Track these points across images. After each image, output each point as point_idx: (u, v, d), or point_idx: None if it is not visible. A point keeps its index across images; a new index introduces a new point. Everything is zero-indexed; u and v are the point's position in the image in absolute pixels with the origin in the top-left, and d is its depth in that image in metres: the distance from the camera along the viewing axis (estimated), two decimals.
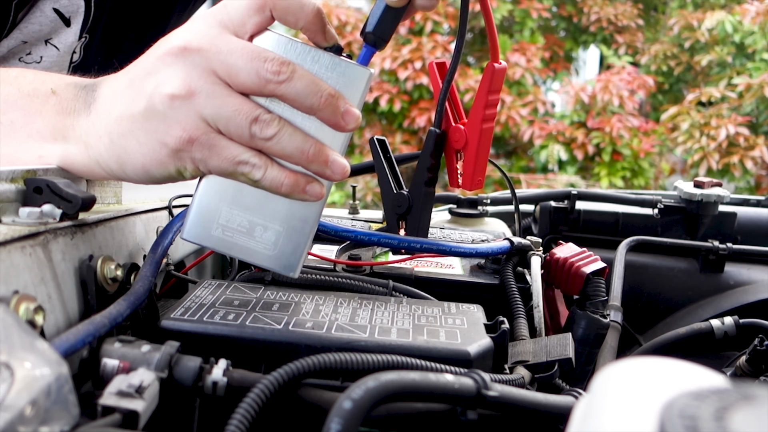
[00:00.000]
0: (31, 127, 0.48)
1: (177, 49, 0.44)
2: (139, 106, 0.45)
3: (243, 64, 0.44)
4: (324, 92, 0.45)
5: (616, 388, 0.25)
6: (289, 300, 0.52)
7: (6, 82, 0.50)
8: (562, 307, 0.70)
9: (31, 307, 0.35)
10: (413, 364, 0.40)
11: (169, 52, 0.44)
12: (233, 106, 0.44)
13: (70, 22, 0.82)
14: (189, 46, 0.44)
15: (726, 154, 4.46)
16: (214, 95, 0.44)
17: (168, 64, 0.44)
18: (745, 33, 4.81)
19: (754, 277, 0.93)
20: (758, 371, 0.62)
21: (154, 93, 0.44)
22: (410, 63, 4.89)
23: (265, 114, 0.45)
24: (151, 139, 0.45)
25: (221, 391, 0.38)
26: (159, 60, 0.45)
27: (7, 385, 0.27)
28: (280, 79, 0.44)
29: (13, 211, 0.43)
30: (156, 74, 0.44)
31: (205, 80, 0.44)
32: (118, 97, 0.46)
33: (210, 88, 0.44)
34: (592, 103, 4.98)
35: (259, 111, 0.44)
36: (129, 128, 0.45)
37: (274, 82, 0.44)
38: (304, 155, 0.46)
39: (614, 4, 5.51)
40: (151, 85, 0.44)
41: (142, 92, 0.45)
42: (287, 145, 0.45)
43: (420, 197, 0.66)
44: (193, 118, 0.44)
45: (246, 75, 0.44)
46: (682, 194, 0.99)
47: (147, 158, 0.45)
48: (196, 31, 0.45)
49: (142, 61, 0.46)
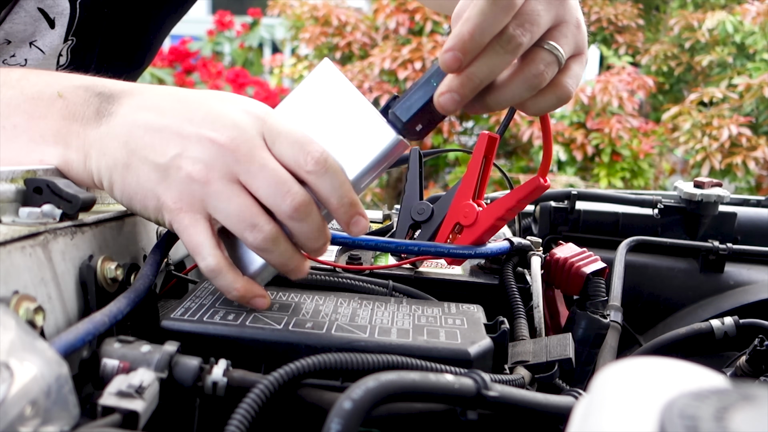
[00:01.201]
0: (33, 132, 0.48)
1: (212, 137, 0.44)
2: (155, 158, 0.45)
3: (266, 186, 0.44)
4: (322, 244, 0.47)
5: (616, 388, 0.25)
6: (289, 300, 0.52)
7: (8, 85, 0.49)
8: (562, 307, 0.70)
9: (31, 308, 0.35)
10: (413, 365, 0.40)
11: (205, 134, 0.45)
12: (238, 207, 0.44)
13: (55, 23, 0.81)
14: (228, 145, 0.44)
15: (728, 154, 4.45)
16: (225, 193, 0.44)
17: (201, 142, 0.44)
18: (745, 33, 4.81)
19: (754, 277, 0.93)
20: (758, 371, 0.62)
21: (175, 160, 0.44)
22: (410, 63, 4.88)
23: (265, 225, 0.45)
24: (150, 186, 0.45)
25: (221, 391, 0.38)
26: (195, 131, 0.45)
27: (7, 385, 0.27)
28: (293, 215, 0.45)
29: (13, 211, 0.43)
30: (186, 143, 0.45)
31: (224, 178, 0.44)
32: (138, 131, 0.46)
33: (224, 187, 0.44)
34: (591, 104, 4.97)
35: (259, 220, 0.45)
36: (136, 166, 0.45)
37: (286, 216, 0.45)
38: (284, 268, 0.48)
39: (614, 4, 5.51)
40: (175, 149, 0.45)
41: (165, 151, 0.45)
42: (272, 257, 0.47)
43: (442, 210, 0.65)
44: (196, 199, 0.45)
45: (265, 194, 0.45)
46: (682, 194, 0.99)
47: (137, 196, 0.46)
48: (243, 130, 0.45)
49: (181, 110, 0.46)
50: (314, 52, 5.55)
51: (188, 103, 0.47)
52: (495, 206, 0.59)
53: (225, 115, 0.45)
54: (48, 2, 0.79)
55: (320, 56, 5.52)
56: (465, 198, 0.61)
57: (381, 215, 0.88)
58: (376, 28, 5.35)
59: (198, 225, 0.45)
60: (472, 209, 0.60)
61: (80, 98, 0.48)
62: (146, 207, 0.46)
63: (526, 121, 5.03)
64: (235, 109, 0.46)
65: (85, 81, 0.49)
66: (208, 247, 0.45)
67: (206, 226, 0.45)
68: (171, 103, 0.47)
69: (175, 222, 0.45)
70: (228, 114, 0.46)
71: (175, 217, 0.45)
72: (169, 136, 0.45)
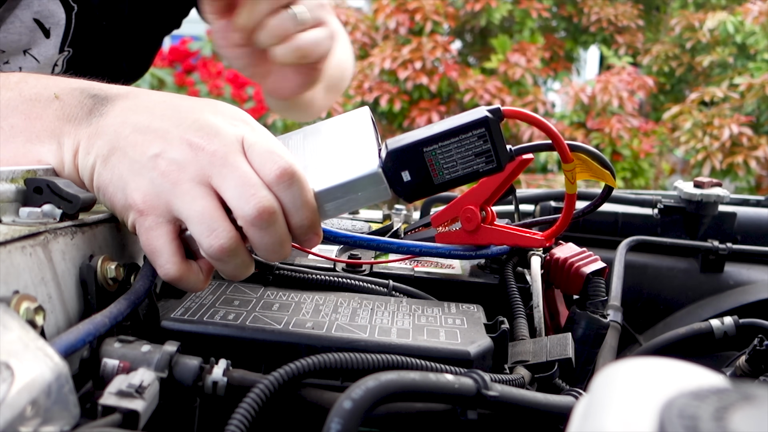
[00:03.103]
0: (30, 132, 0.48)
1: (195, 142, 0.44)
2: (135, 155, 0.45)
3: (234, 186, 0.44)
4: (280, 258, 0.47)
5: (615, 388, 0.25)
6: (289, 300, 0.52)
7: (7, 87, 0.50)
8: (562, 307, 0.70)
9: (31, 307, 0.35)
10: (413, 364, 0.40)
11: (189, 138, 0.45)
12: (200, 208, 0.44)
13: (50, 33, 0.82)
14: (206, 149, 0.44)
15: (729, 153, 4.45)
16: (191, 193, 0.44)
17: (181, 145, 0.44)
18: (746, 34, 4.81)
19: (754, 277, 0.93)
20: (758, 371, 0.62)
21: (153, 160, 0.44)
22: (410, 63, 4.88)
23: (223, 231, 0.44)
24: (122, 183, 0.45)
25: (221, 391, 0.38)
26: (179, 135, 0.45)
27: (7, 385, 0.27)
28: (254, 221, 0.44)
29: (13, 211, 0.43)
30: (167, 145, 0.45)
31: (194, 179, 0.44)
32: (125, 130, 0.46)
33: (192, 188, 0.44)
34: (591, 104, 4.97)
35: (219, 225, 0.44)
36: (115, 160, 0.45)
37: (249, 220, 0.44)
38: (232, 279, 0.48)
39: (614, 5, 5.51)
40: (156, 149, 0.45)
41: (146, 149, 0.45)
42: (225, 268, 0.46)
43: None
44: (162, 201, 0.44)
45: (231, 196, 0.44)
46: (682, 194, 0.99)
47: (108, 190, 0.46)
48: (224, 136, 0.45)
49: (171, 116, 0.46)
50: None
51: (180, 110, 0.47)
52: (501, 235, 0.58)
53: (212, 124, 0.45)
54: (44, 13, 0.79)
55: None
56: (473, 201, 0.60)
57: (381, 215, 0.88)
58: (376, 28, 5.34)
59: (159, 228, 0.44)
60: (476, 216, 0.60)
61: (75, 99, 0.48)
62: (114, 203, 0.46)
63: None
64: (225, 120, 0.46)
65: (82, 84, 0.50)
66: (166, 254, 0.45)
67: (168, 230, 0.45)
68: (163, 109, 0.47)
69: (137, 222, 0.45)
70: (215, 123, 0.46)
71: (138, 217, 0.45)
72: (154, 137, 0.45)
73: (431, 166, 0.45)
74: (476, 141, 0.44)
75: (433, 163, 0.45)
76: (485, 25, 5.34)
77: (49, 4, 0.84)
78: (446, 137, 0.44)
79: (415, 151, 0.45)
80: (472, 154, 0.45)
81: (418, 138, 0.45)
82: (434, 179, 0.46)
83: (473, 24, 5.46)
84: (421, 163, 0.45)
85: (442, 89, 4.99)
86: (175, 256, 0.45)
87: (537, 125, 0.47)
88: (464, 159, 0.45)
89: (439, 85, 4.95)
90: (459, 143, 0.45)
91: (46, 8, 0.84)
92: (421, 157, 0.45)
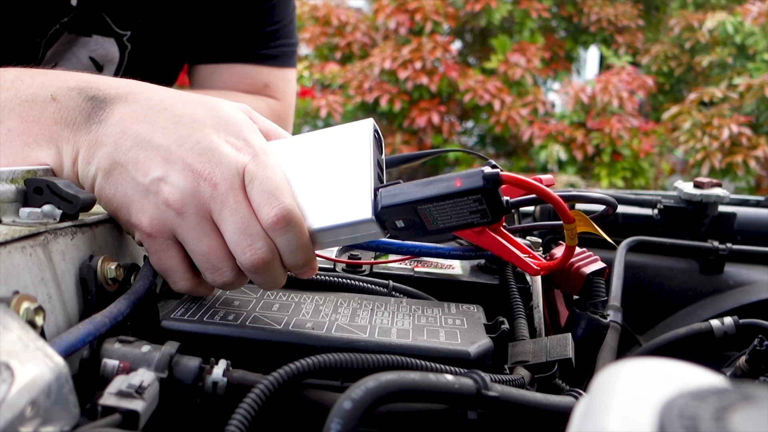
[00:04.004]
0: (27, 136, 0.48)
1: (197, 169, 0.44)
2: (137, 176, 0.45)
3: (233, 232, 0.44)
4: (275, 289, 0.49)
5: (616, 388, 0.25)
6: (289, 300, 0.52)
7: (3, 87, 0.49)
8: (562, 307, 0.70)
9: (31, 308, 0.35)
10: (413, 364, 0.40)
11: (191, 164, 0.44)
12: (206, 248, 0.45)
13: (103, 69, 0.86)
14: (208, 180, 0.44)
15: (729, 153, 4.46)
16: (197, 230, 0.45)
17: (184, 171, 0.44)
18: (746, 34, 4.82)
19: (754, 278, 0.93)
20: (758, 371, 0.62)
21: (155, 183, 0.44)
22: (410, 63, 4.89)
23: (227, 270, 0.46)
24: (126, 201, 0.45)
25: (221, 391, 0.38)
26: (181, 157, 0.45)
27: (7, 385, 0.27)
28: (250, 269, 0.46)
29: (13, 212, 0.43)
30: (169, 168, 0.44)
31: (198, 213, 0.44)
32: (126, 143, 0.45)
33: (197, 223, 0.45)
34: (591, 104, 4.98)
35: (224, 266, 0.46)
36: (117, 177, 0.45)
37: (245, 267, 0.46)
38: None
39: (614, 5, 5.51)
40: (158, 172, 0.44)
41: (148, 171, 0.45)
42: (228, 290, 0.49)
43: None
44: (168, 226, 0.45)
45: (230, 240, 0.45)
46: (682, 194, 0.99)
47: (111, 204, 0.46)
48: (227, 167, 0.45)
49: (173, 132, 0.46)
50: (314, 51, 5.55)
51: (182, 123, 0.46)
52: (501, 247, 0.56)
53: (214, 149, 0.45)
54: (100, 51, 0.82)
55: (320, 56, 5.52)
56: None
57: None
58: (376, 28, 5.35)
59: (169, 250, 0.46)
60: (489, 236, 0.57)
61: (73, 102, 0.48)
62: (118, 217, 0.47)
63: (526, 121, 5.03)
64: (228, 144, 0.46)
65: (80, 82, 0.49)
66: (179, 273, 0.47)
67: (177, 251, 0.46)
68: (164, 121, 0.46)
69: (146, 243, 0.46)
70: (218, 148, 0.45)
71: (146, 239, 0.46)
72: (155, 156, 0.45)
73: (425, 218, 0.46)
74: (471, 203, 0.45)
75: (427, 216, 0.46)
76: (485, 26, 5.34)
77: (105, 44, 0.87)
78: (441, 199, 0.45)
79: (409, 208, 0.46)
80: (467, 211, 0.46)
81: (413, 198, 0.45)
82: (428, 227, 0.47)
83: (473, 24, 5.46)
84: (416, 216, 0.46)
85: (442, 89, 4.99)
86: (187, 273, 0.47)
87: (536, 192, 0.46)
88: (459, 215, 0.46)
89: (439, 85, 4.95)
90: (454, 204, 0.45)
91: (102, 47, 0.87)
92: (415, 212, 0.46)
